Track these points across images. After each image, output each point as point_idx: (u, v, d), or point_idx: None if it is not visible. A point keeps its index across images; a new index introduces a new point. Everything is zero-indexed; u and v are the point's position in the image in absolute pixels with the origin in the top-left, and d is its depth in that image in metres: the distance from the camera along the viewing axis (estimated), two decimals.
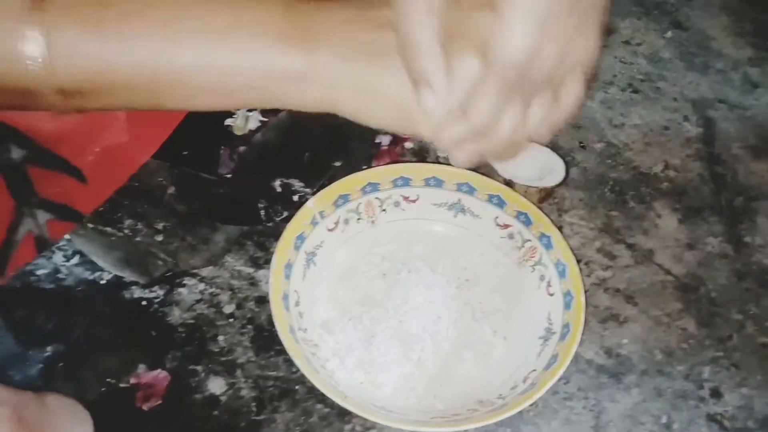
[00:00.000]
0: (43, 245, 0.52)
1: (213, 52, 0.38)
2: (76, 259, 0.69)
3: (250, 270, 0.69)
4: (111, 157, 0.54)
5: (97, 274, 0.68)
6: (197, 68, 0.38)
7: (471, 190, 0.68)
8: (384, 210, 0.69)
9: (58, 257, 0.69)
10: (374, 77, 0.39)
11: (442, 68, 0.37)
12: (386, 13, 0.38)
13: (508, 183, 0.71)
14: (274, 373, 0.62)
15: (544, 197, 0.75)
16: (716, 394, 0.64)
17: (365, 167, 0.69)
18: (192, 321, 0.65)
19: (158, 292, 0.67)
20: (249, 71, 0.38)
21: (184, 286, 0.68)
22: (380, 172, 0.68)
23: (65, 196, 0.52)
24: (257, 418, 0.60)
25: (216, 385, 0.61)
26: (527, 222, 0.66)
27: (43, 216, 0.51)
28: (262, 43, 0.38)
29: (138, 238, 0.64)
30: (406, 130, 0.41)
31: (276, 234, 0.66)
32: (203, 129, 0.57)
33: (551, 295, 0.63)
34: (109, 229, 0.64)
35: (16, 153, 0.47)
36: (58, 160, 0.51)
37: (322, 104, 0.41)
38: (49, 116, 0.50)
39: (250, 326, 0.66)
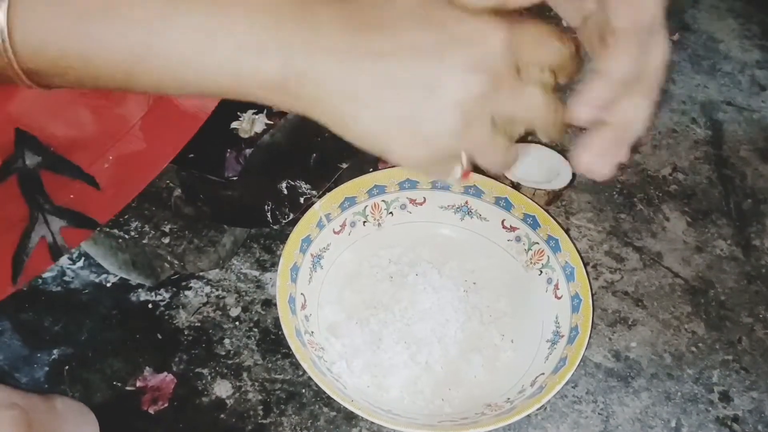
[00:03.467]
0: (57, 253, 0.51)
1: (201, 52, 0.33)
2: (81, 262, 0.69)
3: (257, 273, 0.69)
4: (126, 165, 0.53)
5: (103, 276, 0.68)
6: (184, 66, 0.34)
7: (478, 193, 0.68)
8: (390, 213, 0.69)
9: (63, 260, 0.69)
10: (374, 75, 0.35)
11: None
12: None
13: (516, 186, 0.71)
14: (280, 377, 0.62)
15: (552, 200, 0.75)
16: (726, 397, 0.64)
17: (372, 170, 0.69)
18: (198, 324, 0.65)
19: (164, 294, 0.67)
20: (223, 77, 0.34)
21: (190, 288, 0.68)
22: (387, 175, 0.68)
23: (79, 204, 0.52)
24: (264, 421, 0.59)
25: (222, 389, 0.61)
26: (534, 225, 0.66)
27: (57, 223, 0.50)
28: (237, 46, 0.34)
29: (145, 241, 0.64)
30: (391, 143, 0.37)
31: (282, 237, 0.66)
32: (209, 132, 0.57)
33: (559, 298, 0.62)
34: (116, 232, 0.65)
35: (31, 159, 0.47)
36: (72, 167, 0.50)
37: (301, 111, 0.38)
38: (64, 124, 0.49)
39: (256, 329, 0.65)
